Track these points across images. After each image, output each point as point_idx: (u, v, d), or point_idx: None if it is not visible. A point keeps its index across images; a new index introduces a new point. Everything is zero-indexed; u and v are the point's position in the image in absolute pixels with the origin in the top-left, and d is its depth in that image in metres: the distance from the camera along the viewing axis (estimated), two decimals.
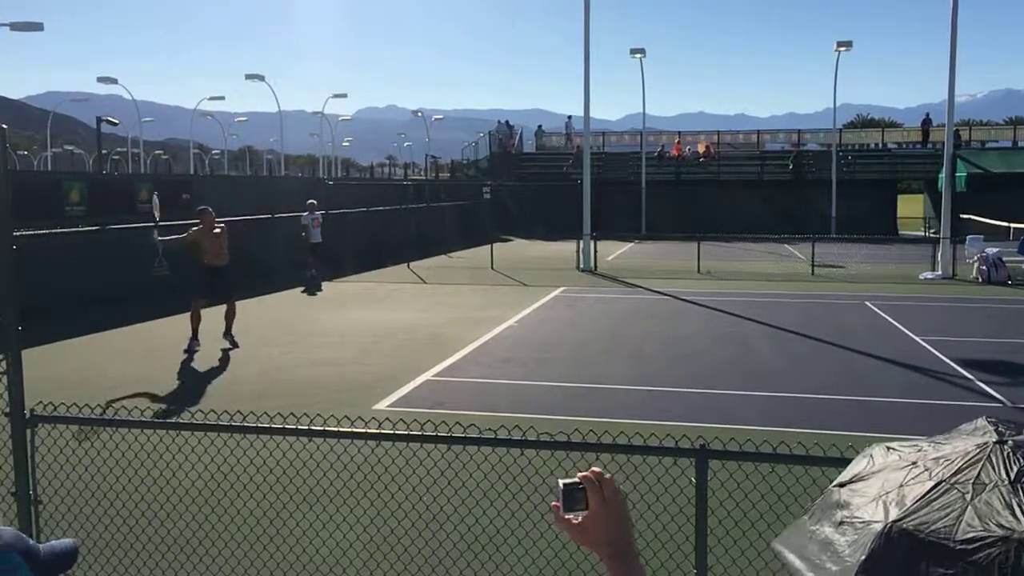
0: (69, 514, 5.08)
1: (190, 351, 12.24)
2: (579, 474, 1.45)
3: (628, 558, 1.44)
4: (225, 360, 12.03)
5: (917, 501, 1.05)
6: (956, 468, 1.07)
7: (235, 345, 12.76)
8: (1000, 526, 0.98)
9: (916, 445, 1.16)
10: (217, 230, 12.73)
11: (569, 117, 48.63)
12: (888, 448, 1.19)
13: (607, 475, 1.45)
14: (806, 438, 4.90)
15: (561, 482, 1.44)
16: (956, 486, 1.05)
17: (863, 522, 1.07)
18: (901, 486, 1.09)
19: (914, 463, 1.12)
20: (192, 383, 10.69)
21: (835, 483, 1.19)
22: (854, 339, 13.25)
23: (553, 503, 1.44)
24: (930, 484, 1.07)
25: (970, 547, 0.98)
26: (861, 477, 1.15)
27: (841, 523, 1.10)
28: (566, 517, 1.44)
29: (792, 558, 1.12)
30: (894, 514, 1.05)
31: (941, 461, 1.09)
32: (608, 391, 10.16)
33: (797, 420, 8.81)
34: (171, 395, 9.76)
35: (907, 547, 1.01)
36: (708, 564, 3.88)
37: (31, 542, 1.32)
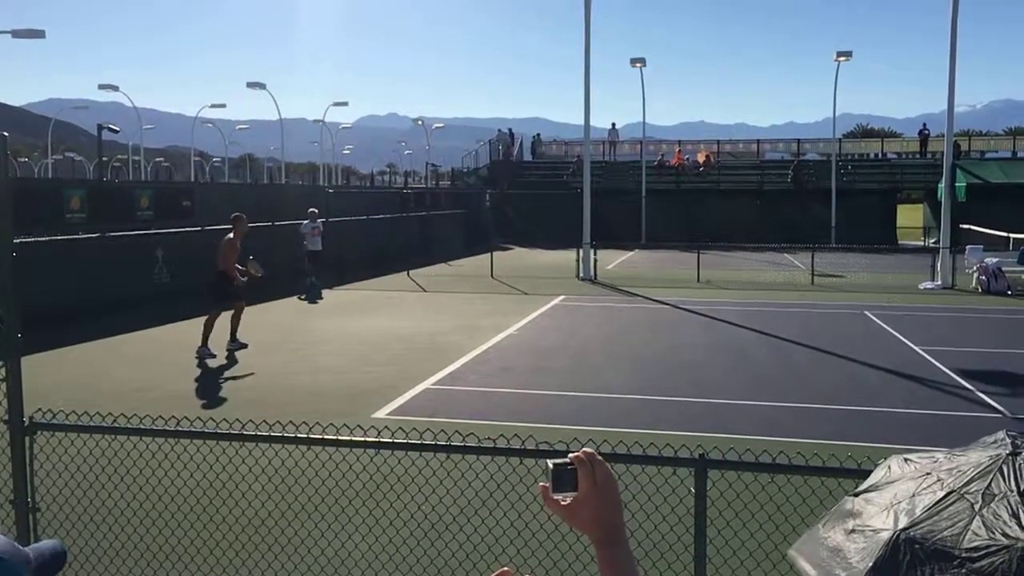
0: (67, 522, 5.07)
1: (204, 358, 12.29)
2: (571, 455, 1.43)
3: (617, 544, 1.42)
4: (225, 367, 12.02)
5: (927, 510, 1.07)
6: (967, 479, 1.09)
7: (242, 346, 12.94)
8: (1005, 535, 1.00)
9: (932, 456, 1.18)
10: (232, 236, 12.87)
11: (613, 124, 48.63)
12: (905, 459, 1.20)
13: (599, 457, 1.43)
14: (805, 448, 4.90)
15: (550, 462, 1.42)
16: (966, 496, 1.06)
17: (873, 530, 1.09)
18: (913, 496, 1.10)
19: (928, 473, 1.13)
20: (192, 390, 10.68)
21: (852, 493, 1.20)
22: (853, 348, 13.24)
23: (542, 484, 1.43)
24: (941, 494, 1.08)
25: (975, 555, 0.99)
26: (877, 487, 1.17)
27: (852, 531, 1.12)
28: (554, 498, 1.42)
29: (805, 565, 1.14)
30: (903, 523, 1.06)
31: (954, 472, 1.11)
32: (608, 400, 10.15)
33: (796, 430, 8.79)
34: (171, 402, 9.73)
35: (913, 555, 1.03)
36: (707, 574, 3.88)
37: (23, 550, 1.30)
